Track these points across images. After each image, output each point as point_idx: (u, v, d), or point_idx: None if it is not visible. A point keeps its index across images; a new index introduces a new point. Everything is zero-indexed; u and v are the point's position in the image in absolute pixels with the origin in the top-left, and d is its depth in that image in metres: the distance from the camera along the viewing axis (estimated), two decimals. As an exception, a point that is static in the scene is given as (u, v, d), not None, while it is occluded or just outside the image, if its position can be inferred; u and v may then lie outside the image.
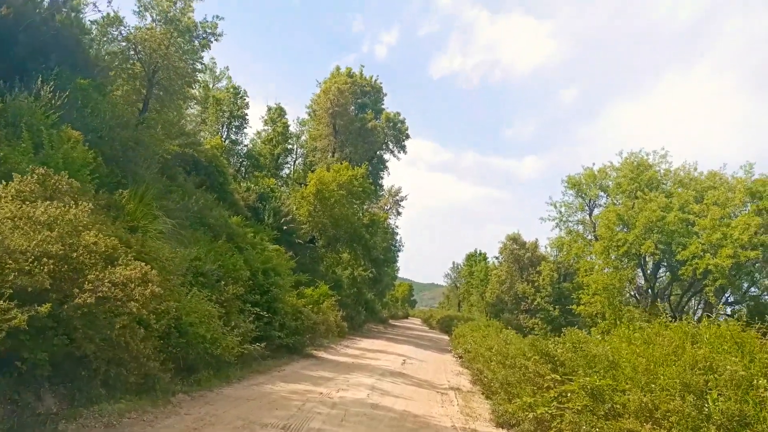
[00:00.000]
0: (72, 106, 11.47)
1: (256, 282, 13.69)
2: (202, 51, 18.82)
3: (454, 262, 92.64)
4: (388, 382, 13.14)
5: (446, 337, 40.53)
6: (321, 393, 10.06)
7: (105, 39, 17.38)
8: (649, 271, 24.77)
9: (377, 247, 33.88)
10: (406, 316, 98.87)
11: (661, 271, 25.22)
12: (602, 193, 28.42)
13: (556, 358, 9.48)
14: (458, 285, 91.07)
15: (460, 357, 22.27)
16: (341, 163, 30.78)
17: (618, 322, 25.51)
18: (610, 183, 27.70)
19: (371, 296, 56.45)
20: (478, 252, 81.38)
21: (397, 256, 57.52)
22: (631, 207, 23.27)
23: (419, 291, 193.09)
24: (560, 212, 29.64)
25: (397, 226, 54.90)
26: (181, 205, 15.07)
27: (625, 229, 23.06)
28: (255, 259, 14.95)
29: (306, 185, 30.14)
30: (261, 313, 13.53)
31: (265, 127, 37.34)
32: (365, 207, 32.70)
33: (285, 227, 27.89)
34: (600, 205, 28.91)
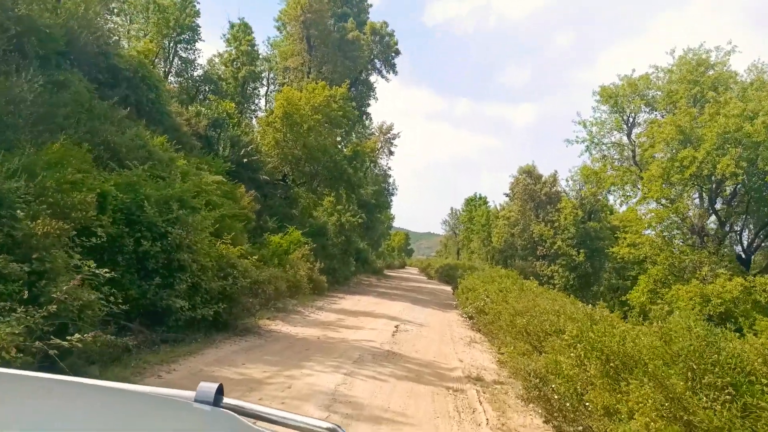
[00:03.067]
0: None
1: (142, 220, 8.19)
2: None
3: (452, 208, 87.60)
4: (365, 378, 7.89)
5: (447, 288, 35.63)
6: None
7: None
8: (721, 203, 19.33)
9: (363, 186, 28.33)
10: (403, 266, 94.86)
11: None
12: (645, 108, 22.70)
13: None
14: (457, 232, 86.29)
15: (470, 317, 17.17)
16: (317, 83, 24.83)
17: (674, 269, 20.58)
18: (659, 93, 21.96)
19: (364, 245, 51.61)
20: (478, 196, 76.25)
21: (391, 201, 52.27)
22: (694, 117, 17.73)
23: (416, 240, 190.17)
24: (590, 132, 23.98)
25: (389, 168, 49.41)
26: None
27: (687, 146, 17.55)
28: (164, 190, 9.38)
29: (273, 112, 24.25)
30: (157, 269, 8.20)
31: (228, 48, 31.09)
32: (349, 138, 26.88)
33: (245, 160, 22.25)
34: (640, 123, 23.27)
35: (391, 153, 48.09)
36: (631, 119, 23.25)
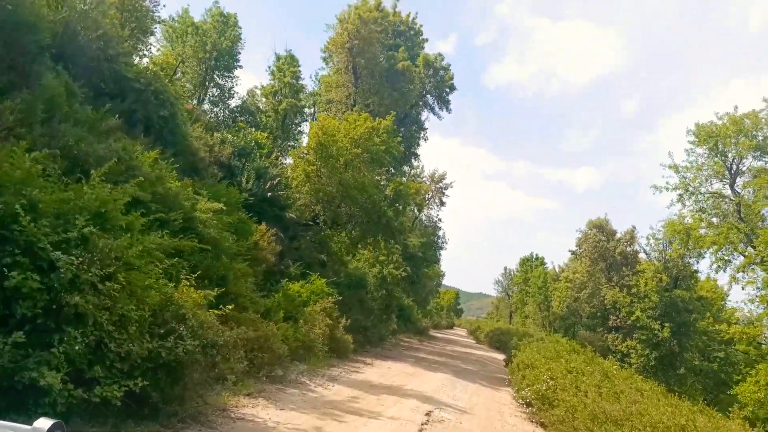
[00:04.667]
0: None
1: (16, 237, 5.17)
2: None
3: (506, 268, 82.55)
4: None
5: (498, 357, 31.20)
6: None
7: None
8: None
9: (404, 232, 24.92)
10: (451, 326, 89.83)
11: None
12: (754, 152, 18.45)
13: None
14: (510, 294, 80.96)
15: (528, 404, 13.18)
16: (359, 115, 22.12)
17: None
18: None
19: (408, 302, 47.79)
20: (535, 256, 71.44)
21: (440, 255, 48.52)
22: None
23: (467, 300, 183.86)
24: (684, 179, 19.81)
25: (439, 219, 46.07)
26: None
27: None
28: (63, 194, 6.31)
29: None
30: (33, 317, 5.13)
31: (272, 81, 29.21)
32: (393, 178, 23.77)
33: (269, 194, 19.45)
34: (744, 172, 19.00)
35: (442, 203, 44.90)
36: (734, 166, 19.13)
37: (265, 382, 10.13)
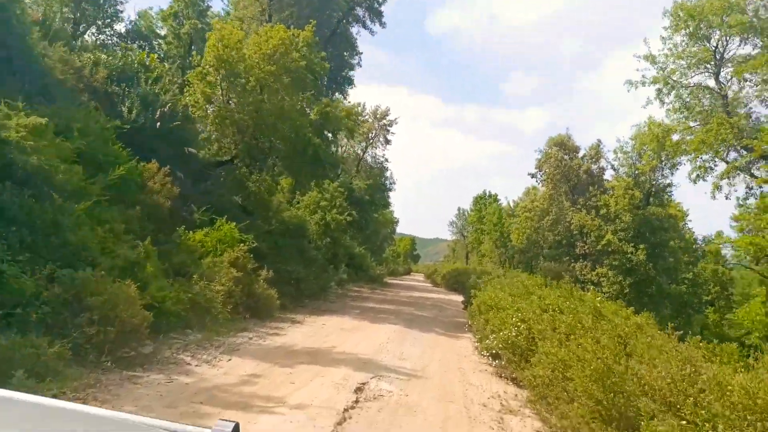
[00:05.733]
0: None
1: None
2: None
3: (459, 208, 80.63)
4: None
5: (456, 299, 28.78)
6: None
7: None
8: None
9: (336, 164, 21.51)
10: (409, 272, 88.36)
11: None
12: (744, 35, 15.48)
13: None
14: (465, 234, 79.30)
15: (495, 356, 10.32)
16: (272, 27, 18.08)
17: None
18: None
19: (360, 250, 44.82)
20: (488, 193, 69.43)
21: (389, 197, 45.40)
22: None
23: (424, 246, 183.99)
24: (662, 71, 16.81)
25: (386, 159, 42.73)
26: None
27: None
28: None
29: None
30: None
31: (172, 2, 24.54)
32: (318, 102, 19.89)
33: (164, 126, 15.50)
34: (729, 60, 16.11)
35: (387, 142, 41.58)
36: (719, 52, 16.21)
37: (110, 369, 6.74)
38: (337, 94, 26.39)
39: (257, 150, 17.52)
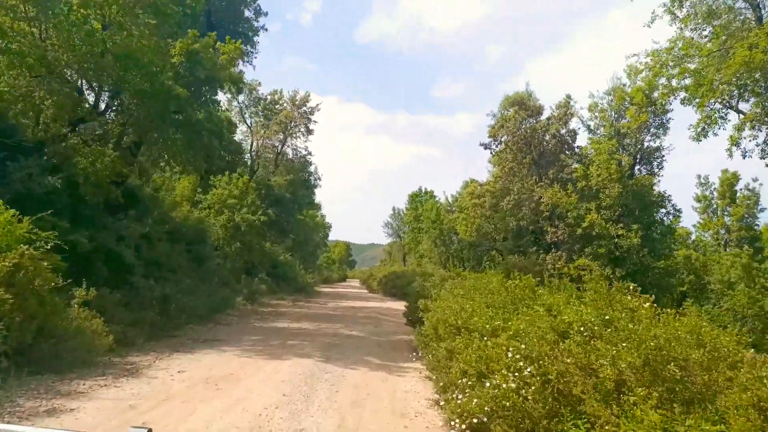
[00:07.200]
0: None
1: None
2: None
3: (394, 208, 76.01)
4: None
5: (394, 305, 23.88)
6: None
7: None
8: None
9: (218, 130, 15.62)
10: (344, 279, 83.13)
11: None
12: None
13: None
14: (401, 235, 74.63)
15: (474, 429, 5.27)
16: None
17: None
18: None
19: (286, 256, 39.03)
20: (423, 190, 65.11)
21: (313, 194, 39.87)
22: None
23: (360, 252, 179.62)
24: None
25: (309, 152, 37.26)
26: None
27: None
28: None
29: None
30: None
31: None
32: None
33: None
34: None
35: (309, 131, 36.08)
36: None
37: None
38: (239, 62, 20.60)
39: (85, 109, 11.70)
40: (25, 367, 7.11)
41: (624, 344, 4.59)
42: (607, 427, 4.15)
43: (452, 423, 5.48)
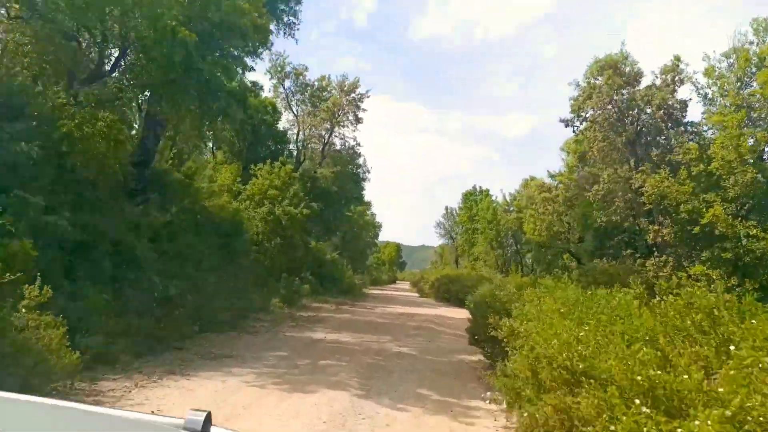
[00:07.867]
0: None
1: None
2: None
3: (447, 207, 72.61)
4: None
5: (448, 313, 21.15)
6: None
7: None
8: None
9: (229, 85, 13.07)
10: (394, 281, 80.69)
11: None
12: None
13: None
14: (454, 236, 71.13)
15: None
16: None
17: None
18: None
19: (334, 256, 36.77)
20: (478, 189, 61.50)
21: (363, 188, 37.31)
22: None
23: (410, 254, 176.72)
24: None
25: (357, 143, 34.82)
26: None
27: None
28: None
29: None
30: None
31: None
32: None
33: None
34: None
35: (358, 120, 33.64)
36: None
37: None
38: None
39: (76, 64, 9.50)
40: None
41: None
42: None
43: None
